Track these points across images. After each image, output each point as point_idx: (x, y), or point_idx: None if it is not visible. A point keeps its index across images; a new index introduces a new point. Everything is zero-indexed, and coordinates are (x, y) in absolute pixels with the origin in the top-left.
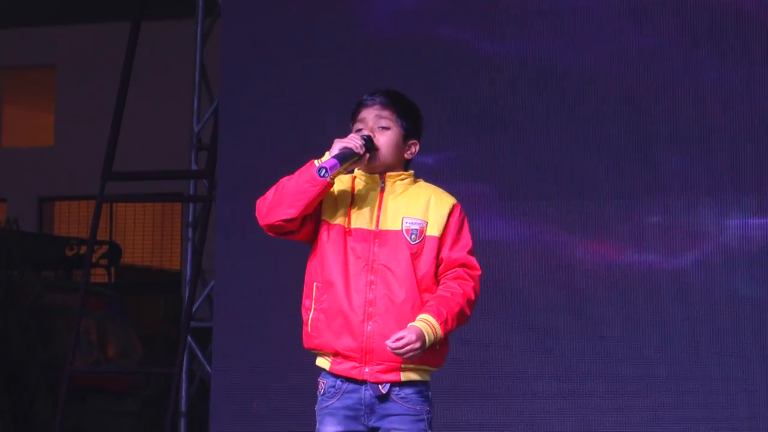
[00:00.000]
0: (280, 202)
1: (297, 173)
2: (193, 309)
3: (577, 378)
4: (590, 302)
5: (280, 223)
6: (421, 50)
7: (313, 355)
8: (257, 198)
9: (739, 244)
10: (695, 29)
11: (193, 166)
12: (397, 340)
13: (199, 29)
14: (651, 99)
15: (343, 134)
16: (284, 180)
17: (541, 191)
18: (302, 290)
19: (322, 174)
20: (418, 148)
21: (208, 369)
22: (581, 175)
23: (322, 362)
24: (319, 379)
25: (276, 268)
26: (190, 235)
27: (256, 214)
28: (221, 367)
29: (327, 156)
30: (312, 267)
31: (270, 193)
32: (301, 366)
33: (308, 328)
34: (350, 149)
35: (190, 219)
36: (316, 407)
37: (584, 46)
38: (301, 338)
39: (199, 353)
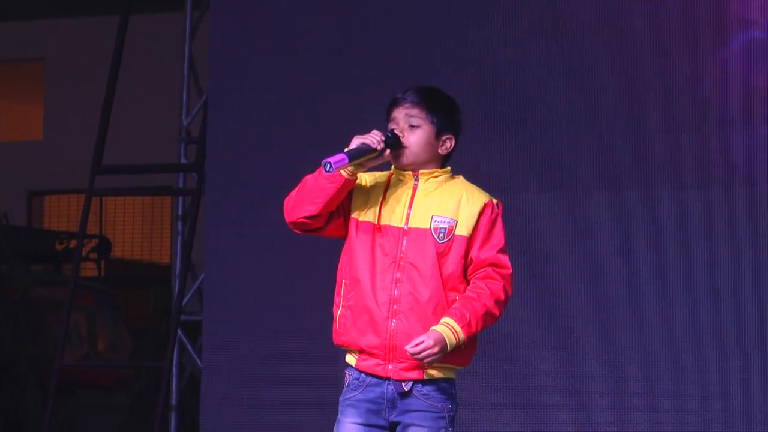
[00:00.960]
0: (302, 200)
1: (318, 170)
2: (183, 302)
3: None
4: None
5: (303, 220)
6: (412, 42)
7: (302, 350)
8: (245, 193)
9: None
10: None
11: (183, 160)
12: (416, 345)
13: (188, 22)
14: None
15: (331, 130)
16: (307, 177)
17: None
18: (298, 284)
19: (327, 169)
20: (453, 143)
21: (198, 362)
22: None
23: (350, 358)
24: (345, 371)
25: (266, 261)
26: (179, 228)
27: (284, 212)
28: (211, 360)
29: (345, 150)
30: (342, 263)
31: (295, 191)
32: (291, 359)
33: (336, 324)
34: (367, 145)
35: (180, 212)
36: (340, 398)
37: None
38: (292, 331)
39: (189, 347)
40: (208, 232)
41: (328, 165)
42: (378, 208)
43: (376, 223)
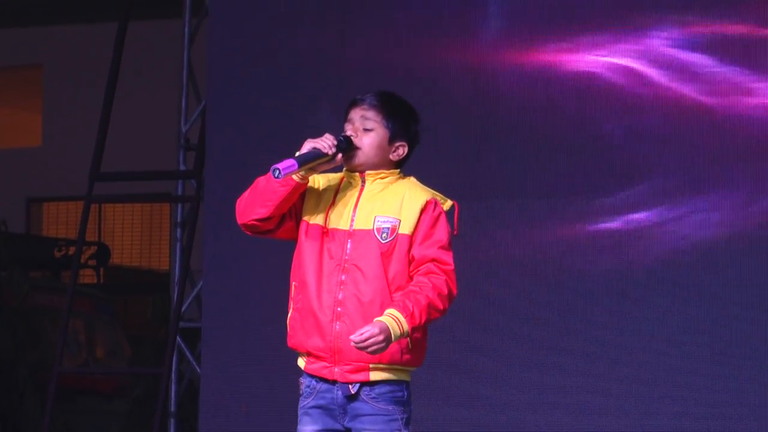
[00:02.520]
0: (253, 202)
1: (269, 173)
2: (182, 309)
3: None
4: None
5: (254, 222)
6: (409, 49)
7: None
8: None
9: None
10: None
11: (181, 167)
12: (361, 334)
13: (186, 29)
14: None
15: (333, 132)
16: (260, 179)
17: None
18: (286, 288)
19: (275, 175)
20: (406, 150)
21: (197, 369)
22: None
23: (300, 362)
24: (300, 379)
25: (264, 268)
26: (178, 235)
27: (236, 213)
28: (210, 367)
29: (296, 155)
30: (293, 266)
31: (246, 193)
32: (290, 366)
33: (288, 327)
34: (318, 150)
35: (179, 219)
36: (298, 407)
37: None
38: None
39: (188, 353)
40: (207, 239)
41: (277, 171)
42: (326, 212)
43: (324, 226)
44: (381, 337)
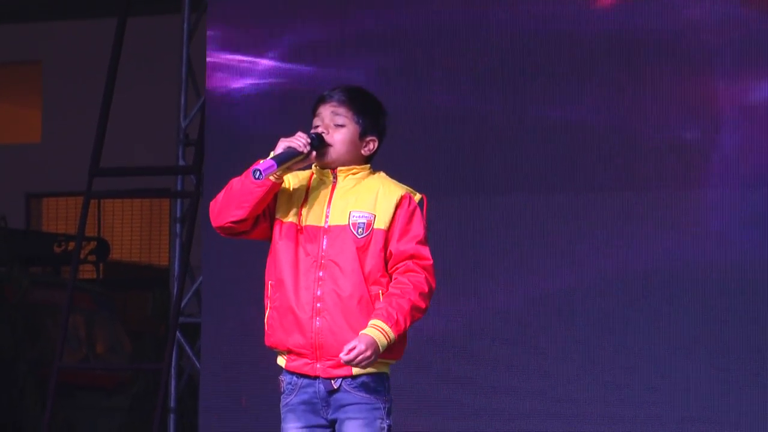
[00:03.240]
0: (228, 204)
1: (244, 174)
2: (182, 305)
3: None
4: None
5: (230, 225)
6: (406, 41)
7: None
8: None
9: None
10: None
11: (181, 162)
12: (349, 351)
13: (185, 25)
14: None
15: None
16: (234, 181)
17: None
18: None
19: (256, 176)
20: (376, 145)
21: (197, 365)
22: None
23: (280, 360)
24: (279, 377)
25: (263, 263)
26: (177, 230)
27: (210, 215)
28: (210, 362)
29: (271, 155)
30: (268, 265)
31: (220, 195)
32: None
33: (266, 326)
34: (293, 149)
35: (178, 215)
36: (280, 405)
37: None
38: None
39: (187, 349)
40: (206, 235)
41: (258, 172)
42: (300, 210)
43: (298, 224)
44: (369, 353)
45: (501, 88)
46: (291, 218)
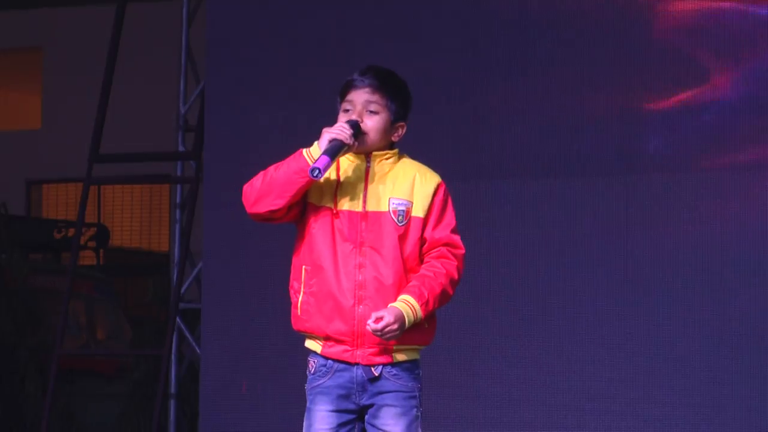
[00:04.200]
0: (268, 192)
1: (285, 164)
2: (182, 290)
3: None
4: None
5: (268, 213)
6: (411, 30)
7: (300, 335)
8: (243, 181)
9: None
10: None
11: (180, 148)
12: (377, 320)
13: (184, 10)
14: None
15: (329, 117)
16: (272, 169)
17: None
18: (289, 271)
19: (315, 174)
20: (405, 130)
21: (197, 350)
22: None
23: (313, 345)
24: (309, 358)
25: (263, 249)
26: (177, 216)
27: (243, 201)
28: (210, 348)
29: (315, 147)
30: (300, 250)
31: (258, 182)
32: (290, 345)
33: (297, 311)
34: (340, 141)
35: (178, 200)
36: (306, 386)
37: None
38: (291, 318)
39: (188, 335)
40: (206, 220)
41: (317, 171)
42: (334, 192)
43: (333, 208)
44: (396, 326)
45: (505, 77)
46: (325, 202)
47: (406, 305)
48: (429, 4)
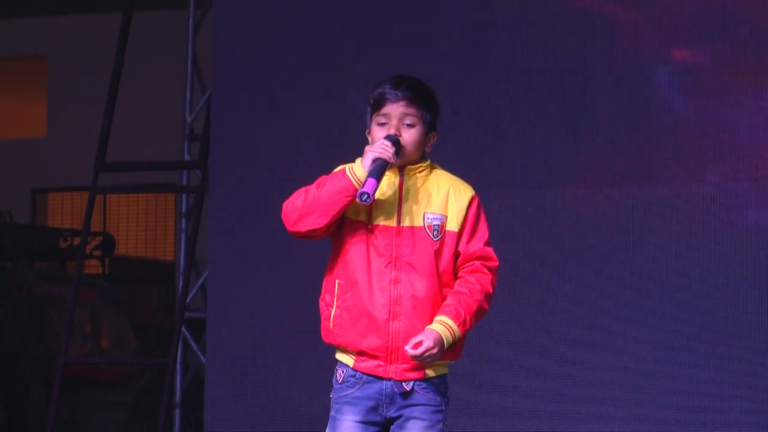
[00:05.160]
0: (311, 211)
1: (328, 183)
2: (187, 299)
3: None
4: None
5: (310, 232)
6: (417, 36)
7: (305, 345)
8: (250, 188)
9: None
10: None
11: (186, 157)
12: (416, 346)
13: (191, 19)
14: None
15: (335, 125)
16: (313, 188)
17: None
18: (302, 280)
19: (364, 199)
20: (436, 139)
21: (203, 359)
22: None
23: (345, 358)
24: (337, 368)
25: (269, 258)
26: (183, 225)
27: (284, 219)
28: (215, 357)
29: (358, 164)
30: (334, 264)
31: (299, 200)
32: (293, 355)
33: (330, 324)
34: (384, 160)
35: (183, 209)
36: (333, 395)
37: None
38: (296, 327)
39: (193, 344)
40: (212, 229)
41: (366, 195)
42: (369, 208)
43: (367, 222)
44: (435, 350)
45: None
46: (360, 216)
47: (444, 327)
48: (435, 10)
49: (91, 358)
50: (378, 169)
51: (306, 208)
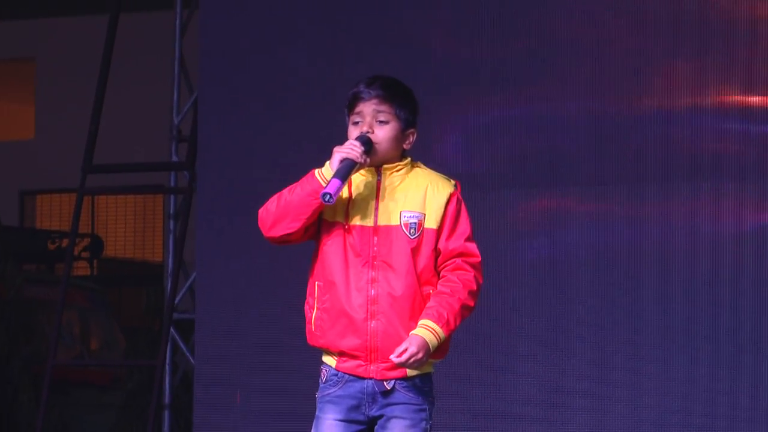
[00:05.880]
0: (283, 216)
1: (298, 186)
2: (176, 301)
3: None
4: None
5: (285, 236)
6: (408, 36)
7: (296, 348)
8: (237, 189)
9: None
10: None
11: (174, 158)
12: (401, 354)
13: (177, 21)
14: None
15: (323, 128)
16: (285, 192)
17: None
18: (290, 281)
19: (326, 200)
20: (415, 136)
21: (191, 361)
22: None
23: (329, 359)
24: (322, 367)
25: (257, 259)
26: (171, 227)
27: (260, 225)
28: (204, 358)
29: (327, 167)
30: (314, 266)
31: (272, 205)
32: (283, 356)
33: (311, 326)
34: (351, 160)
35: (171, 211)
36: (317, 394)
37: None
38: (285, 328)
39: (181, 345)
40: (200, 231)
41: (328, 196)
42: (345, 208)
43: (344, 223)
44: (420, 355)
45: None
46: (337, 217)
47: (427, 330)
48: (434, 12)
49: (80, 360)
50: (344, 170)
51: (279, 213)
